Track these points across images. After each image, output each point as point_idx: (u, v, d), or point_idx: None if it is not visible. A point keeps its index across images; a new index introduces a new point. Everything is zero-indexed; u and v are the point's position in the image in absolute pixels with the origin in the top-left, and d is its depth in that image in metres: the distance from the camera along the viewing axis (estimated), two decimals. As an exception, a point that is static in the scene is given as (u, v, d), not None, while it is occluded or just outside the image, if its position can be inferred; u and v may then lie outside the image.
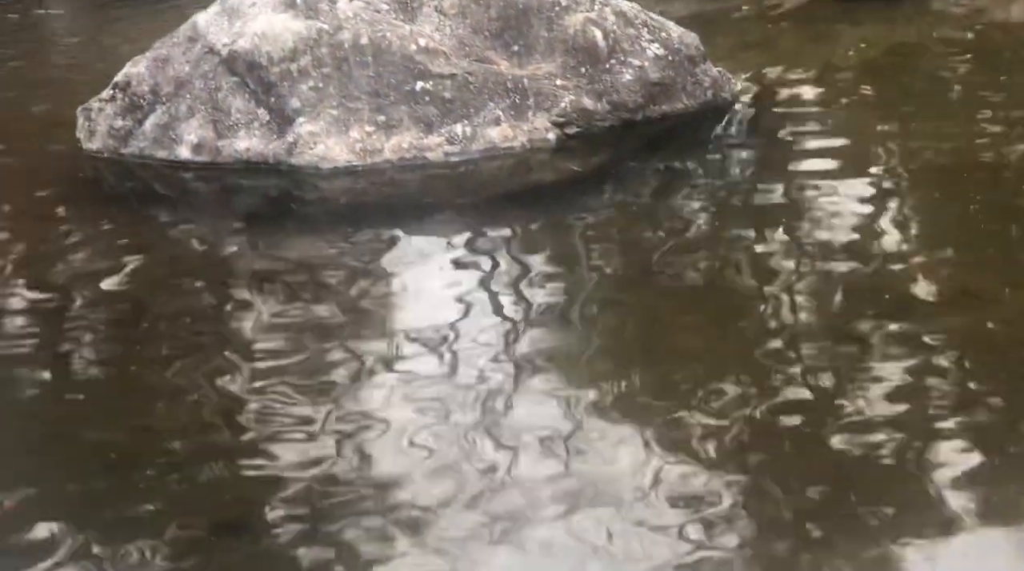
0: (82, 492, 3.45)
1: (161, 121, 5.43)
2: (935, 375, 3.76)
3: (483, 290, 4.40)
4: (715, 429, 3.54)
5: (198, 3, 5.86)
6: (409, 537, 3.16)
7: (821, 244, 4.59)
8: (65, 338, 4.21)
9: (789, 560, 3.08)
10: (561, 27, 5.62)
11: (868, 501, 3.25)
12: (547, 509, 3.23)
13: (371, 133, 5.28)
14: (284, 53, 5.36)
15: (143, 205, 5.26)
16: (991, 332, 3.97)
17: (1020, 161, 5.26)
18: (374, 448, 3.53)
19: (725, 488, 3.31)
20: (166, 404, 3.83)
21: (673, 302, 4.34)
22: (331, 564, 3.10)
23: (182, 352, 4.12)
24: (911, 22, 7.07)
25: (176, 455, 3.57)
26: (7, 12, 7.56)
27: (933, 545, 3.09)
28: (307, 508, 3.30)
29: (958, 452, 3.43)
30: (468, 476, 3.37)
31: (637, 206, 5.10)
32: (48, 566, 3.11)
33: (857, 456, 3.42)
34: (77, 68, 6.34)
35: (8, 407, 3.88)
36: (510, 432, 3.58)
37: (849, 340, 3.96)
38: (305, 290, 4.50)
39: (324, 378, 3.92)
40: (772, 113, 5.76)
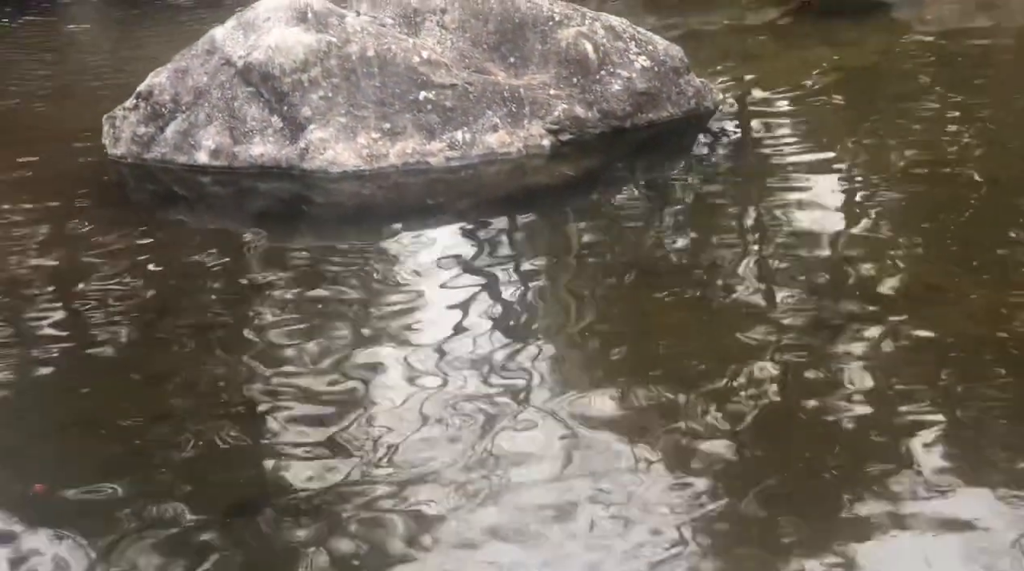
0: (105, 475, 3.44)
1: (181, 128, 5.43)
2: (899, 360, 3.78)
3: (482, 282, 4.39)
4: (690, 400, 3.58)
5: (215, 18, 5.85)
6: (414, 517, 3.16)
7: (795, 242, 4.60)
8: (91, 329, 4.21)
9: (764, 518, 3.11)
10: (554, 40, 5.63)
11: (832, 467, 3.29)
12: (541, 464, 3.30)
13: (377, 139, 5.28)
14: (296, 64, 5.36)
15: (164, 206, 5.25)
16: (951, 323, 3.97)
17: (980, 164, 5.26)
18: (381, 429, 3.53)
19: (702, 452, 3.34)
20: (185, 391, 3.84)
21: (656, 292, 4.34)
22: (338, 542, 3.10)
23: (200, 342, 4.12)
24: (879, 35, 7.06)
25: (194, 440, 3.56)
26: (38, 27, 7.55)
27: (891, 509, 3.11)
28: (316, 489, 3.30)
29: (915, 425, 3.45)
30: (469, 448, 3.40)
31: (625, 207, 5.10)
32: (74, 544, 3.13)
33: (824, 427, 3.45)
34: (103, 79, 6.33)
35: (37, 395, 3.89)
36: (507, 406, 3.60)
37: (819, 327, 3.97)
38: (315, 285, 4.49)
39: (333, 364, 3.92)
40: (751, 120, 5.75)
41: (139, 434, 3.64)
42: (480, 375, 3.82)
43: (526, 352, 3.95)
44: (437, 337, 4.04)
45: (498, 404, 3.66)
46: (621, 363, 3.93)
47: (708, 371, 3.77)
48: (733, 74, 6.22)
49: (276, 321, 4.25)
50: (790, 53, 6.73)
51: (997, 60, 6.66)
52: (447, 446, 3.46)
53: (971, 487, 3.24)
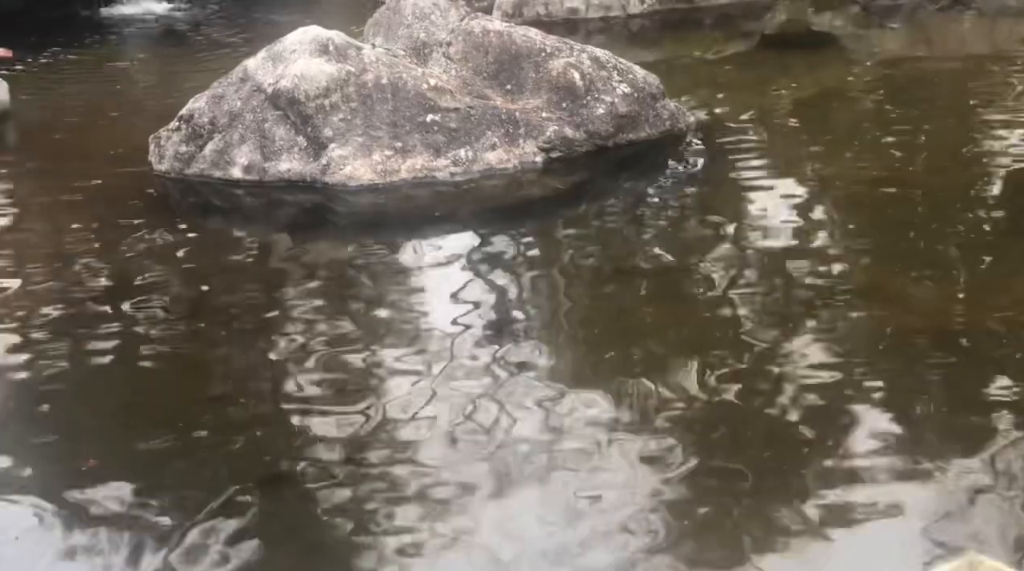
0: (151, 452, 3.44)
1: (218, 147, 5.42)
2: (848, 349, 3.77)
3: (482, 280, 4.40)
4: (666, 388, 3.57)
5: (248, 50, 5.86)
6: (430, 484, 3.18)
7: (756, 246, 4.60)
8: (139, 323, 4.20)
9: (730, 505, 3.10)
10: (546, 70, 5.63)
11: (784, 445, 3.30)
12: (531, 429, 3.34)
13: (390, 157, 5.27)
14: (319, 91, 5.35)
15: (203, 215, 5.26)
16: (896, 318, 3.97)
17: (920, 178, 5.27)
18: (396, 410, 3.53)
19: (678, 441, 3.34)
20: (222, 377, 3.85)
21: (636, 291, 4.34)
22: (363, 512, 3.09)
23: (236, 334, 4.12)
24: (832, 65, 7.07)
25: (230, 420, 3.56)
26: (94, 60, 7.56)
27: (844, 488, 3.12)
28: (342, 464, 3.30)
29: (862, 406, 3.47)
30: (472, 422, 3.42)
31: (608, 216, 5.10)
32: (122, 512, 3.13)
33: (779, 408, 3.46)
34: (149, 104, 6.34)
35: (91, 380, 3.89)
36: (506, 393, 3.60)
37: (777, 320, 3.97)
38: (336, 282, 4.50)
39: (352, 350, 3.92)
40: (719, 140, 5.74)
41: (182, 414, 3.63)
42: (481, 357, 3.83)
43: (519, 338, 3.97)
44: (443, 326, 4.05)
45: (496, 380, 3.68)
46: (602, 349, 3.93)
47: (678, 358, 3.79)
48: (703, 99, 6.23)
49: (303, 313, 4.25)
50: (752, 81, 6.72)
51: (934, 86, 6.67)
52: (447, 412, 3.49)
53: (907, 463, 3.24)
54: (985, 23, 8.06)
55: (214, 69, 5.96)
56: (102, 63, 7.47)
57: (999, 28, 7.94)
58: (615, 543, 2.92)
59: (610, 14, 7.93)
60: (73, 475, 3.34)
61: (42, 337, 4.14)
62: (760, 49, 7.55)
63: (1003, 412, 3.43)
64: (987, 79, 6.60)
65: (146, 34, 8.25)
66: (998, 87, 6.45)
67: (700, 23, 7.92)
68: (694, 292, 4.30)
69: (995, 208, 4.93)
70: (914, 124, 5.96)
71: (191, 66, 7.02)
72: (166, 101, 5.95)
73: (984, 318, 3.94)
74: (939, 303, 4.07)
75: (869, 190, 5.18)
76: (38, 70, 7.25)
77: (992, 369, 3.66)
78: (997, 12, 8.17)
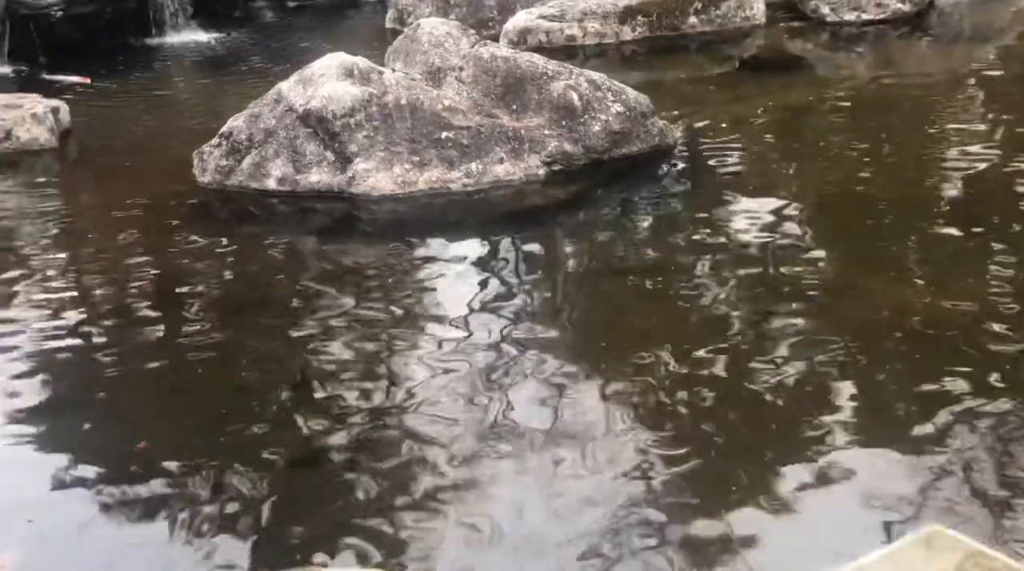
0: (193, 436, 3.45)
1: (254, 161, 5.42)
2: (819, 342, 3.77)
3: (491, 281, 4.39)
4: (654, 375, 3.57)
5: (281, 74, 5.86)
6: (447, 464, 3.18)
7: (737, 248, 4.58)
8: (183, 316, 4.20)
9: (712, 479, 3.10)
10: (548, 91, 5.62)
11: (762, 427, 3.30)
12: (532, 406, 3.35)
13: (409, 170, 5.27)
14: (345, 110, 5.35)
15: (241, 222, 5.24)
16: (862, 313, 3.97)
17: (885, 187, 5.24)
18: (416, 395, 3.53)
19: (666, 420, 3.35)
20: (257, 368, 3.83)
21: (629, 289, 4.32)
22: (384, 489, 3.09)
23: (270, 329, 4.12)
24: (805, 86, 7.05)
25: (264, 407, 3.56)
26: (143, 85, 7.56)
27: (811, 461, 3.12)
28: (366, 446, 3.30)
29: (832, 394, 3.46)
30: (483, 408, 3.43)
31: (604, 222, 5.07)
32: (168, 493, 3.13)
33: (764, 398, 3.44)
34: (192, 123, 6.35)
35: (138, 373, 3.88)
36: (511, 380, 3.61)
37: (756, 316, 3.97)
38: (361, 282, 4.49)
39: (375, 342, 3.92)
40: (702, 154, 5.74)
41: (221, 401, 3.65)
42: (489, 347, 3.83)
43: (523, 328, 3.97)
44: (455, 321, 4.05)
45: (505, 358, 3.71)
46: (597, 341, 3.93)
47: (666, 349, 3.77)
48: (689, 116, 6.21)
49: (330, 310, 4.25)
50: (732, 99, 6.71)
51: (896, 103, 6.65)
52: (462, 397, 3.51)
53: (873, 440, 3.25)
54: (941, 47, 8.05)
55: (251, 92, 5.96)
56: (151, 86, 7.46)
57: (954, 52, 7.92)
58: (604, 480, 2.97)
59: (604, 41, 7.91)
60: (127, 457, 3.34)
61: (98, 330, 4.15)
62: (739, 71, 7.53)
63: (960, 393, 3.43)
64: (943, 97, 6.58)
65: (190, 60, 8.24)
66: (953, 104, 6.44)
67: (686, 48, 7.89)
68: (681, 289, 4.28)
69: (951, 213, 4.91)
70: (878, 137, 5.94)
71: (230, 89, 7.02)
72: (208, 120, 5.95)
73: (942, 310, 3.93)
74: (902, 298, 4.06)
75: (838, 197, 5.16)
76: (95, 93, 7.25)
77: (949, 354, 3.65)
78: (952, 38, 8.16)
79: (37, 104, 6.24)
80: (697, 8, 8.06)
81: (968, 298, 4.02)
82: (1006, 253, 4.41)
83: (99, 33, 8.00)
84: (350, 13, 9.35)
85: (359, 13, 9.34)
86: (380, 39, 7.45)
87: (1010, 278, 4.20)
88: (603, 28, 7.95)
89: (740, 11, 8.17)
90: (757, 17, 8.21)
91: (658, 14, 8.00)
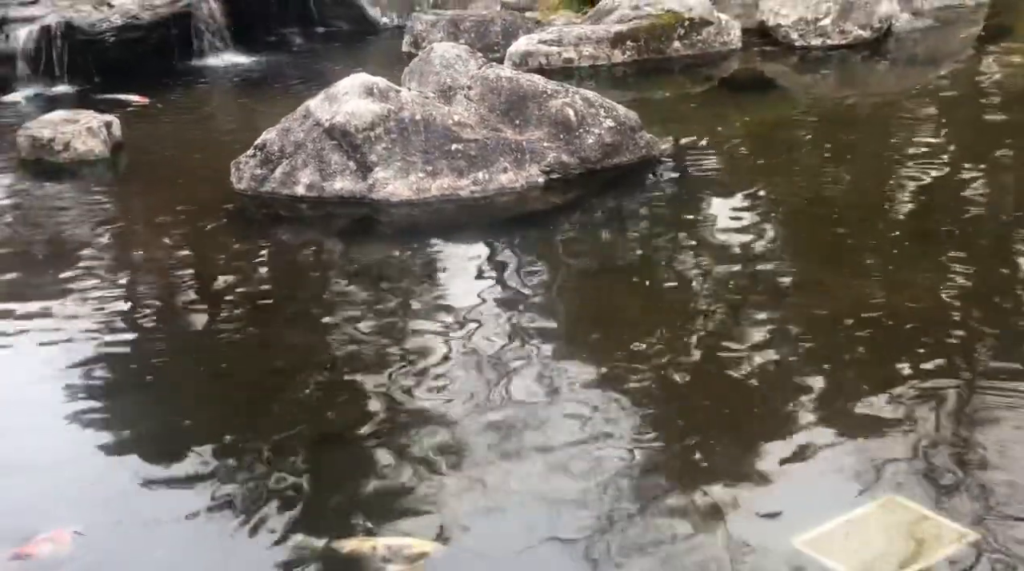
0: (231, 414, 3.47)
1: (285, 170, 5.41)
2: (788, 330, 3.79)
3: (496, 277, 4.39)
4: (643, 361, 3.58)
5: (309, 93, 5.86)
6: (460, 435, 3.20)
7: (715, 247, 4.59)
8: (222, 307, 4.21)
9: (693, 453, 3.12)
10: (547, 108, 5.61)
11: (733, 406, 3.32)
12: (532, 381, 3.41)
13: (423, 178, 5.26)
14: (366, 125, 5.34)
15: (273, 225, 5.23)
16: (826, 305, 3.97)
17: (847, 194, 5.25)
18: (431, 376, 3.55)
19: (651, 397, 3.36)
20: (288, 352, 3.84)
21: (620, 289, 4.33)
22: (405, 462, 3.10)
23: (301, 320, 4.12)
24: (777, 104, 7.05)
25: (296, 388, 3.57)
26: (186, 102, 7.56)
27: (779, 436, 3.13)
28: (389, 423, 3.31)
29: (798, 376, 3.47)
30: (489, 387, 3.46)
31: (596, 225, 5.07)
32: (210, 466, 3.15)
33: (738, 380, 3.46)
34: (230, 136, 6.33)
35: (180, 357, 3.90)
36: (515, 363, 3.61)
37: (731, 308, 3.97)
38: (380, 276, 4.49)
39: (393, 330, 3.94)
40: (685, 164, 5.72)
41: (256, 383, 3.66)
42: (494, 331, 3.85)
43: (525, 316, 3.99)
44: (464, 309, 4.07)
45: (507, 349, 3.72)
46: (589, 326, 3.95)
47: (649, 335, 3.78)
48: (673, 131, 6.19)
49: (353, 301, 4.26)
50: (711, 116, 6.69)
51: (858, 120, 6.65)
52: (470, 380, 3.53)
53: (834, 416, 3.26)
54: (898, 69, 8.04)
55: (282, 108, 5.94)
56: (193, 104, 7.46)
57: (908, 73, 7.93)
58: (598, 448, 3.01)
59: (598, 63, 7.91)
60: (172, 431, 3.36)
61: (146, 319, 4.16)
62: (718, 90, 7.52)
63: (912, 375, 3.45)
64: (899, 113, 6.58)
65: (228, 81, 8.24)
66: (909, 120, 6.43)
67: (670, 70, 7.88)
68: (664, 284, 4.30)
69: (905, 218, 4.92)
70: (841, 149, 5.94)
71: (264, 106, 7.01)
72: (243, 134, 5.93)
73: (896, 304, 3.95)
74: (863, 293, 4.07)
75: (805, 202, 5.16)
76: (144, 108, 7.25)
77: (902, 342, 3.67)
78: (907, 61, 8.16)
79: (92, 119, 6.25)
80: (680, 34, 8.06)
81: (922, 294, 4.04)
82: (956, 253, 4.41)
83: (147, 56, 7.99)
84: (371, 38, 9.34)
85: (379, 38, 9.33)
86: (397, 61, 7.44)
87: (959, 275, 4.21)
88: (596, 52, 7.95)
89: (719, 37, 8.17)
90: (734, 42, 8.21)
91: (645, 39, 8.00)
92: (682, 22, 8.10)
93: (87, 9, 8.09)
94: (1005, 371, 3.46)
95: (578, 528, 2.78)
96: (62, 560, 2.79)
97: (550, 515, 2.85)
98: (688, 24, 8.11)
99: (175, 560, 2.77)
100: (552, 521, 2.82)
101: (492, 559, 2.73)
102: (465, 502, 2.92)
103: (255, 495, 2.99)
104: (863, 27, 8.29)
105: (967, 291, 4.08)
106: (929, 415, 3.24)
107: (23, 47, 7.67)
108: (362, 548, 2.75)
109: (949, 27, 8.71)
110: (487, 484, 2.98)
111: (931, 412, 3.25)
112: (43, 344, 3.96)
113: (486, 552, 2.75)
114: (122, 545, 2.85)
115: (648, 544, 2.73)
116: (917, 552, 2.65)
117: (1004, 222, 4.82)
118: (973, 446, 3.07)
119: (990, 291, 4.07)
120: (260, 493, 2.99)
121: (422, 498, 2.95)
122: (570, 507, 2.87)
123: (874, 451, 3.08)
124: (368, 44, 9.21)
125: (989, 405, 3.28)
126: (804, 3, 8.31)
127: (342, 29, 9.58)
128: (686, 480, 2.97)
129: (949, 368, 3.50)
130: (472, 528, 2.83)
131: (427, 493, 2.96)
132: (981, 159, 5.56)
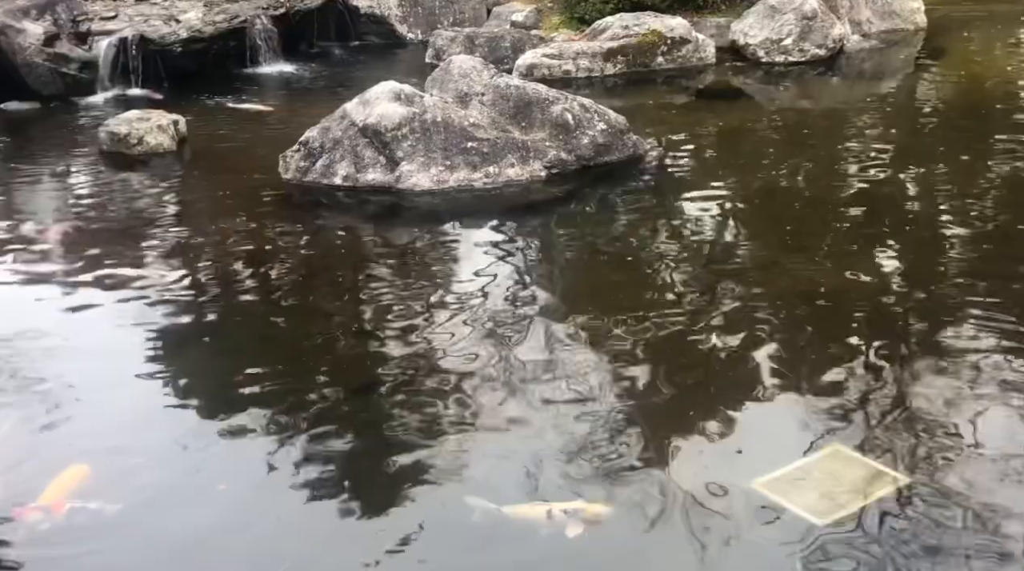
0: (282, 372, 3.42)
1: (325, 163, 5.40)
2: (749, 306, 3.77)
3: (504, 257, 4.37)
4: (631, 334, 3.56)
5: (346, 97, 5.82)
6: (473, 392, 3.19)
7: (691, 234, 4.57)
8: (270, 282, 4.21)
9: (671, 408, 3.11)
10: (549, 112, 5.59)
11: (701, 374, 3.30)
12: (534, 348, 3.31)
13: (442, 171, 5.25)
14: (394, 125, 5.32)
15: (314, 210, 5.21)
16: (784, 284, 3.96)
17: (805, 186, 5.23)
18: (448, 340, 3.54)
19: (635, 362, 3.36)
20: (326, 319, 3.83)
21: (609, 266, 4.31)
22: (431, 412, 3.10)
23: (336, 289, 4.12)
24: (746, 111, 7.00)
25: (333, 347, 3.58)
26: (237, 106, 7.52)
27: (747, 397, 3.13)
28: (410, 379, 3.31)
29: (762, 345, 3.46)
30: (501, 352, 3.43)
31: (590, 214, 5.05)
32: (258, 415, 3.14)
33: (710, 348, 3.44)
34: (278, 133, 6.31)
35: (239, 322, 3.91)
36: (520, 331, 3.60)
37: (708, 289, 3.95)
38: (406, 255, 4.48)
39: (417, 300, 3.92)
40: (667, 162, 5.70)
41: (298, 346, 3.66)
42: (503, 307, 3.83)
43: (528, 291, 3.98)
44: (478, 283, 4.05)
45: (513, 319, 3.69)
46: (584, 303, 3.91)
47: (633, 310, 3.76)
48: (656, 133, 6.17)
49: (382, 277, 4.24)
50: (689, 121, 6.66)
51: (813, 124, 6.61)
52: (482, 342, 3.51)
53: (789, 379, 3.25)
54: (848, 83, 7.99)
55: (323, 110, 5.91)
56: (247, 105, 7.43)
57: (857, 86, 7.87)
58: (592, 403, 2.98)
59: (592, 75, 7.88)
60: (229, 384, 3.36)
61: (203, 290, 4.16)
62: (695, 99, 7.48)
63: (859, 343, 3.45)
64: (848, 120, 6.54)
65: (277, 85, 8.20)
66: (857, 126, 6.39)
67: (655, 81, 7.84)
68: (646, 262, 4.28)
69: (854, 209, 4.88)
70: (798, 150, 5.91)
71: (307, 107, 6.98)
72: (290, 131, 5.91)
73: (844, 283, 3.94)
74: (816, 273, 4.06)
75: (768, 195, 5.14)
76: (206, 109, 7.23)
77: (849, 315, 3.66)
78: (857, 76, 8.11)
79: (162, 117, 6.22)
80: (663, 51, 8.04)
81: (867, 274, 4.02)
82: (897, 240, 4.40)
83: (208, 64, 7.97)
84: (398, 51, 9.29)
85: (405, 51, 9.28)
86: (421, 71, 7.40)
87: (899, 258, 4.21)
88: (591, 64, 7.92)
89: (696, 53, 8.13)
90: (709, 58, 8.17)
91: (633, 55, 7.98)
92: (665, 40, 8.08)
93: (158, 23, 8.07)
94: (937, 340, 3.45)
95: (577, 467, 2.78)
96: (43, 532, 2.55)
97: (550, 455, 2.85)
98: (670, 42, 8.08)
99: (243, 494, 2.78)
100: (551, 459, 2.83)
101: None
102: (477, 444, 2.93)
103: (296, 438, 2.99)
104: (819, 47, 8.24)
105: (905, 272, 4.07)
106: (870, 377, 3.24)
107: (104, 56, 7.66)
108: (533, 513, 2.51)
109: (892, 48, 8.66)
110: (496, 429, 2.98)
111: (872, 375, 3.25)
112: (123, 302, 3.98)
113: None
114: (187, 478, 2.85)
115: (631, 476, 2.73)
116: (857, 493, 2.65)
117: (937, 214, 4.80)
118: (908, 404, 3.07)
119: (924, 272, 4.06)
120: (302, 437, 2.99)
121: (440, 443, 2.94)
122: (567, 450, 2.87)
123: (822, 408, 3.08)
124: (396, 56, 9.16)
125: (922, 369, 3.28)
126: (770, 25, 8.27)
127: (374, 43, 9.53)
128: (664, 429, 2.97)
129: (889, 337, 3.49)
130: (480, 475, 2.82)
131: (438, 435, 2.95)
132: (919, 161, 5.53)
